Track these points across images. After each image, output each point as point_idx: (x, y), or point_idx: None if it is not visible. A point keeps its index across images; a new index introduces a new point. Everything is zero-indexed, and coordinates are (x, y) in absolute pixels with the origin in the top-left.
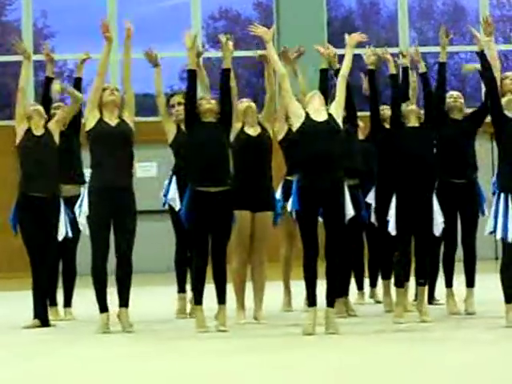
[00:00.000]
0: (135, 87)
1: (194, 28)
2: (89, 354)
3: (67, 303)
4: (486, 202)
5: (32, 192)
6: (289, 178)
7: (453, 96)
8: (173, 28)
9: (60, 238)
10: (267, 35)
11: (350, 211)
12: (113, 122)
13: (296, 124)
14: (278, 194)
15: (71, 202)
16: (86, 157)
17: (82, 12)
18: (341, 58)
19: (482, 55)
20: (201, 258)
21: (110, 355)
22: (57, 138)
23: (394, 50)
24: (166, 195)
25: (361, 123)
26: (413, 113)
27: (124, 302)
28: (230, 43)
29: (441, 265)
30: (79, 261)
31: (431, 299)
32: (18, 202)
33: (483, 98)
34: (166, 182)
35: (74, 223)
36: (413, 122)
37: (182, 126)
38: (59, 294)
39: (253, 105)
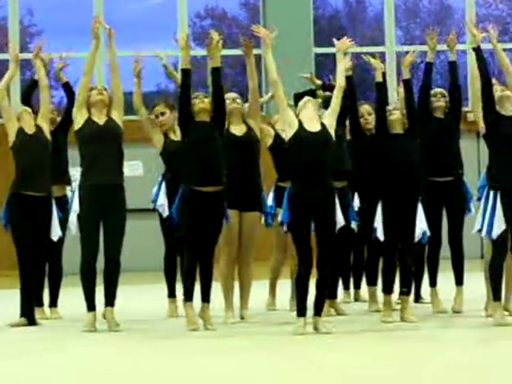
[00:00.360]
0: (122, 85)
1: (181, 26)
2: (76, 352)
3: (53, 303)
4: (472, 200)
5: (28, 191)
6: (280, 183)
7: (436, 95)
8: (159, 26)
9: (55, 238)
10: (268, 38)
11: (340, 220)
12: (101, 120)
13: (289, 133)
14: (270, 200)
15: (58, 202)
16: (72, 156)
17: (68, 10)
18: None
19: (478, 50)
20: (192, 255)
21: (98, 354)
22: (48, 134)
23: (380, 49)
24: (154, 201)
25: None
26: (398, 120)
27: (110, 301)
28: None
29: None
30: (64, 260)
31: (418, 298)
32: (11, 200)
33: (452, 89)
34: (155, 188)
35: (61, 223)
36: (397, 129)
37: (170, 135)
38: (45, 293)
39: (238, 105)
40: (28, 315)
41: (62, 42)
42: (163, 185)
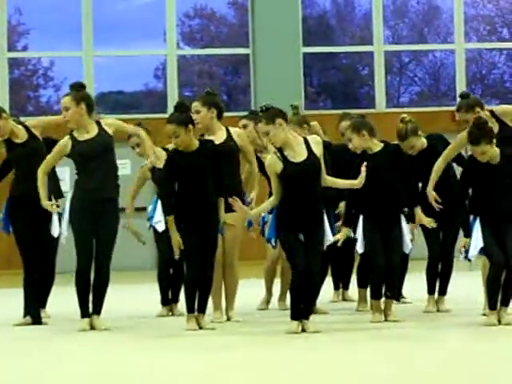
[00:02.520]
0: (110, 84)
1: (169, 26)
2: (71, 350)
3: (42, 304)
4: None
5: (25, 193)
6: None
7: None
8: (148, 26)
9: (55, 234)
10: (246, 214)
11: (329, 237)
12: (88, 135)
13: (277, 172)
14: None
15: None
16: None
17: (57, 9)
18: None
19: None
20: (193, 269)
21: (91, 352)
22: (39, 134)
23: (369, 49)
24: (150, 219)
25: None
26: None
27: (98, 308)
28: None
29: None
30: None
31: (399, 296)
32: (11, 203)
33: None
34: (150, 207)
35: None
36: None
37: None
38: None
39: (196, 120)
40: (33, 314)
41: (51, 40)
42: (159, 203)
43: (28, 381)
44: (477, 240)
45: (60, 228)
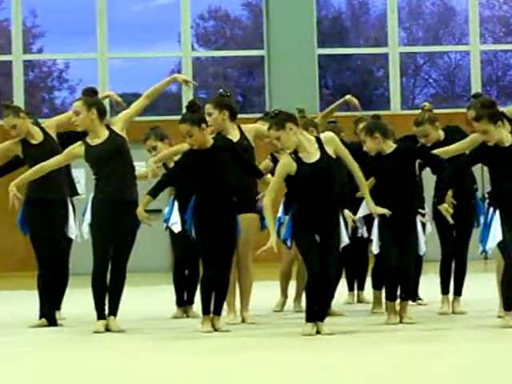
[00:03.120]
0: (125, 86)
1: (184, 27)
2: (85, 351)
3: (57, 306)
4: (482, 215)
5: (41, 196)
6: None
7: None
8: (163, 28)
9: (73, 236)
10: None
11: (345, 239)
12: (99, 139)
13: (291, 173)
14: (280, 211)
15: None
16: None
17: (72, 11)
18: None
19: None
20: (211, 270)
21: (104, 353)
22: (54, 134)
23: (384, 50)
24: (166, 220)
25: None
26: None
27: (113, 310)
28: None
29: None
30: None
31: (415, 298)
32: (27, 204)
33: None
34: (167, 209)
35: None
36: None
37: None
38: None
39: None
40: (48, 316)
41: (65, 42)
42: (175, 204)
43: (41, 382)
44: (496, 231)
45: (77, 230)
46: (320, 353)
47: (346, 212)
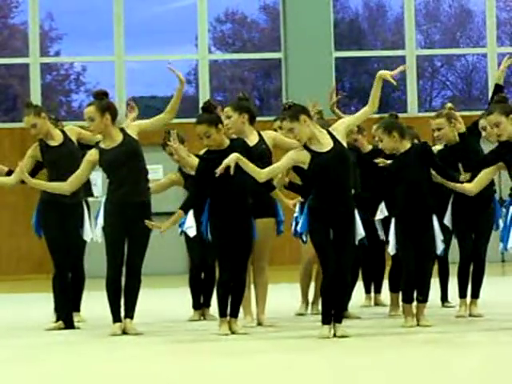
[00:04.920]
0: (142, 89)
1: (201, 30)
2: (103, 355)
3: (76, 307)
4: (501, 217)
5: (56, 198)
6: None
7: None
8: (180, 30)
9: (88, 238)
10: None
11: (360, 231)
12: (113, 143)
13: (304, 162)
14: (296, 211)
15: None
16: None
17: (89, 14)
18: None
19: None
20: (227, 272)
21: (124, 356)
22: (74, 140)
23: (401, 53)
24: (181, 225)
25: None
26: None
27: (130, 313)
28: None
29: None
30: (88, 265)
31: (444, 301)
32: (42, 207)
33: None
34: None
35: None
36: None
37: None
38: None
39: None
40: (65, 319)
41: (82, 45)
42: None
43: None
44: None
45: (92, 232)
46: (335, 356)
47: None
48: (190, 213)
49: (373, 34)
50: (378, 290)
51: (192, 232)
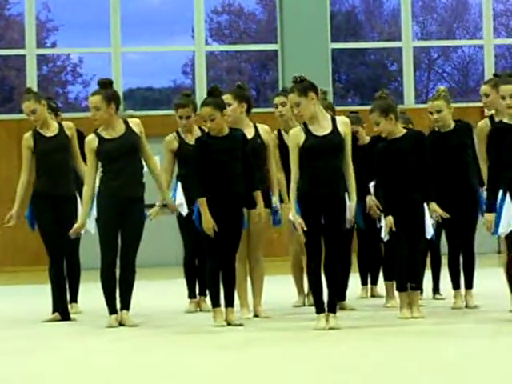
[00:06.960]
0: (138, 80)
1: (197, 22)
2: (98, 346)
3: (73, 298)
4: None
5: (48, 191)
6: None
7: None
8: (176, 22)
9: (82, 230)
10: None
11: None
12: (115, 133)
13: (299, 143)
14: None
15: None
16: None
17: (85, 5)
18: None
19: None
20: (214, 261)
21: (121, 347)
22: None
23: (397, 44)
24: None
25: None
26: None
27: (126, 305)
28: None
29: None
30: (82, 257)
31: (436, 292)
32: (34, 199)
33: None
34: (171, 193)
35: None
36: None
37: (183, 135)
38: None
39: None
40: (61, 311)
41: (79, 36)
42: (179, 185)
43: (54, 375)
44: (510, 216)
45: (86, 224)
46: (329, 347)
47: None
48: (179, 189)
49: (369, 25)
50: (374, 282)
51: (183, 210)
